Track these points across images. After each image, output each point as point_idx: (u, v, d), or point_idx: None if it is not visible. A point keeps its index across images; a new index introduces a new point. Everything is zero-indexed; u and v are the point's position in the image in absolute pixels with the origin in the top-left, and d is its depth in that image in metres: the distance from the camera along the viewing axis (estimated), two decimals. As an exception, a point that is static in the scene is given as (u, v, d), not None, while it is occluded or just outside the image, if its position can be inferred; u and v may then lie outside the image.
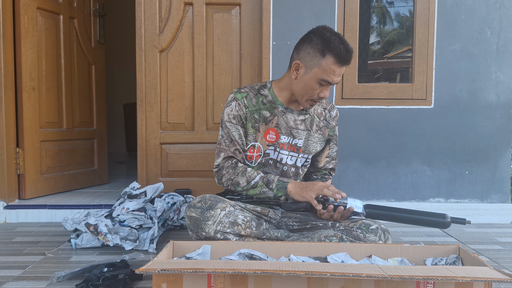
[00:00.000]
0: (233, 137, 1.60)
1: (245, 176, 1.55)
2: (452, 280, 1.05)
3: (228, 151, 1.60)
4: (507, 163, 2.43)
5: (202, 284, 1.13)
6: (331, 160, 1.77)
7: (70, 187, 2.76)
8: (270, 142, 1.61)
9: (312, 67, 1.50)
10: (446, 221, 1.44)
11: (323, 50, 1.47)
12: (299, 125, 1.64)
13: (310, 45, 1.50)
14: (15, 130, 2.41)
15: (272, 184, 1.53)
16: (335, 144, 1.76)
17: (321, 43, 1.48)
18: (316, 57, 1.49)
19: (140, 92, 2.40)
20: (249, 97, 1.62)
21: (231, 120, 1.61)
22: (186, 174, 2.46)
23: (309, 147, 1.67)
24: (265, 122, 1.62)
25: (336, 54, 1.46)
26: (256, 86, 1.66)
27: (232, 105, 1.61)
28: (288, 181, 1.54)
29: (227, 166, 1.59)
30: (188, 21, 2.41)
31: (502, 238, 2.08)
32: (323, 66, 1.48)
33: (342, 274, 1.05)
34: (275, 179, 1.55)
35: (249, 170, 1.57)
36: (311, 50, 1.50)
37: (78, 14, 2.77)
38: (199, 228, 1.44)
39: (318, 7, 2.34)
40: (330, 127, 1.72)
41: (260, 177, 1.55)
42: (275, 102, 1.63)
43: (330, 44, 1.46)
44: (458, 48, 2.38)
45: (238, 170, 1.57)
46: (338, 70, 1.48)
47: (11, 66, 2.36)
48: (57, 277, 1.42)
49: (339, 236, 1.47)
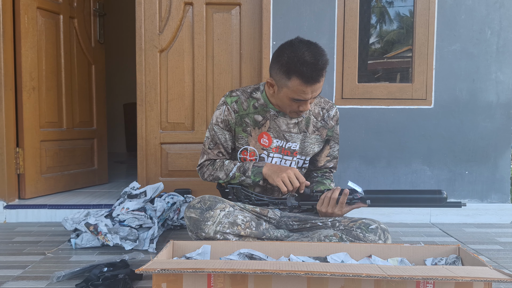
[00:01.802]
0: (218, 140, 1.64)
1: (223, 169, 1.61)
2: (452, 280, 1.05)
3: (211, 154, 1.66)
4: (507, 163, 2.43)
5: (202, 284, 1.13)
6: (332, 159, 1.76)
7: (70, 187, 2.76)
8: (264, 146, 1.61)
9: (282, 86, 1.47)
10: (442, 197, 1.44)
11: (288, 72, 1.41)
12: (291, 129, 1.63)
13: (278, 64, 1.45)
14: (15, 130, 2.41)
15: (248, 171, 1.57)
16: (336, 143, 1.74)
17: (285, 64, 1.41)
18: (283, 78, 1.44)
19: (140, 92, 2.40)
20: (239, 101, 1.62)
21: (219, 123, 1.63)
22: (186, 174, 2.46)
23: (306, 149, 1.66)
24: (258, 126, 1.61)
25: (301, 76, 1.39)
26: (249, 89, 1.65)
27: (221, 109, 1.63)
28: (263, 165, 1.57)
29: (207, 165, 1.66)
30: (188, 21, 2.41)
31: (502, 238, 2.08)
32: (290, 87, 1.43)
33: (342, 274, 1.05)
34: (250, 166, 1.58)
35: (226, 163, 1.61)
36: (278, 70, 1.45)
37: (78, 14, 2.77)
38: (199, 228, 1.44)
39: (318, 7, 2.34)
40: (328, 127, 1.69)
41: (237, 167, 1.59)
42: (267, 105, 1.61)
43: (294, 66, 1.39)
44: (458, 48, 2.38)
45: (216, 165, 1.63)
46: (308, 89, 1.42)
47: (11, 66, 2.36)
48: (57, 277, 1.42)
49: (339, 235, 1.47)
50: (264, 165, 1.57)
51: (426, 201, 1.46)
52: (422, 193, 1.48)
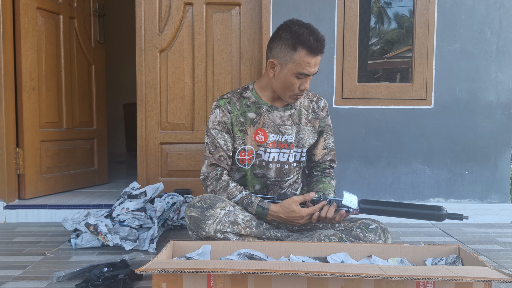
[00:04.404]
0: (217, 144, 1.62)
1: (226, 192, 1.57)
2: (452, 280, 1.05)
3: (212, 158, 1.63)
4: (507, 163, 2.43)
5: (202, 284, 1.13)
6: (329, 151, 1.76)
7: (70, 187, 2.76)
8: (259, 142, 1.62)
9: (286, 63, 1.51)
10: (442, 213, 1.41)
11: (293, 44, 1.48)
12: (286, 121, 1.64)
13: (280, 41, 1.51)
14: (15, 130, 2.41)
15: (251, 210, 1.55)
16: (330, 134, 1.76)
17: (290, 38, 1.48)
18: (288, 52, 1.50)
19: (140, 92, 2.40)
20: (232, 102, 1.63)
21: (216, 126, 1.62)
22: (186, 174, 2.46)
23: (302, 140, 1.67)
24: (252, 123, 1.62)
25: (307, 46, 1.46)
26: (239, 90, 1.68)
27: (215, 112, 1.63)
28: (267, 208, 1.53)
29: (211, 177, 1.61)
30: (188, 21, 2.41)
31: (502, 238, 2.08)
32: (296, 60, 1.49)
33: (342, 274, 1.05)
34: (254, 203, 1.54)
35: (231, 186, 1.58)
36: (282, 46, 1.51)
37: (78, 14, 2.77)
38: (199, 227, 1.44)
39: (318, 7, 2.34)
40: (319, 118, 1.71)
41: (241, 197, 1.56)
42: (259, 102, 1.63)
43: (299, 37, 1.46)
44: (458, 48, 2.38)
45: (220, 184, 1.59)
46: (312, 61, 1.49)
47: (11, 66, 2.36)
48: (57, 277, 1.42)
49: (339, 235, 1.47)
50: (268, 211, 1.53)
51: (425, 217, 1.45)
52: (421, 208, 1.45)
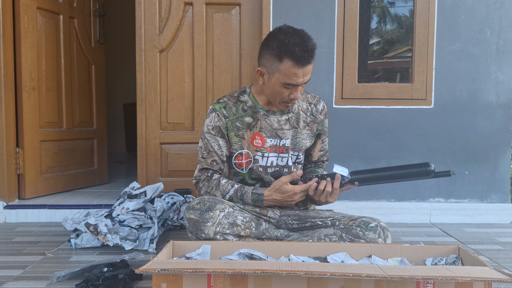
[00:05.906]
0: (211, 148, 1.61)
1: (219, 189, 1.57)
2: (452, 280, 1.05)
3: (204, 162, 1.62)
4: (507, 163, 2.43)
5: (202, 284, 1.13)
6: (325, 153, 1.78)
7: (70, 187, 2.76)
8: (257, 147, 1.61)
9: (273, 72, 1.48)
10: (430, 169, 1.41)
11: (279, 54, 1.43)
12: (283, 125, 1.63)
13: (267, 50, 1.48)
14: (15, 130, 2.41)
15: (247, 199, 1.56)
16: (326, 136, 1.77)
17: (276, 48, 1.44)
18: (274, 62, 1.46)
19: (140, 92, 2.40)
20: (228, 107, 1.62)
21: (210, 131, 1.62)
22: (186, 174, 2.46)
23: (298, 144, 1.66)
24: (249, 128, 1.61)
25: (293, 57, 1.41)
26: (235, 94, 1.66)
27: (211, 117, 1.62)
28: (262, 192, 1.54)
29: (203, 179, 1.61)
30: (188, 21, 2.41)
31: (502, 238, 2.08)
32: (282, 70, 1.45)
33: (342, 274, 1.05)
34: (248, 192, 1.56)
35: (222, 182, 1.57)
36: (269, 56, 1.47)
37: (78, 14, 2.77)
38: (199, 230, 1.44)
39: (318, 7, 2.34)
40: (317, 121, 1.70)
41: (234, 190, 1.57)
42: (255, 106, 1.62)
43: (285, 47, 1.42)
44: (458, 48, 2.38)
45: (212, 183, 1.58)
46: (300, 72, 1.44)
47: (11, 66, 2.36)
48: (57, 277, 1.42)
49: (339, 234, 1.48)
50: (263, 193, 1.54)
51: (414, 175, 1.44)
52: (409, 168, 1.44)
